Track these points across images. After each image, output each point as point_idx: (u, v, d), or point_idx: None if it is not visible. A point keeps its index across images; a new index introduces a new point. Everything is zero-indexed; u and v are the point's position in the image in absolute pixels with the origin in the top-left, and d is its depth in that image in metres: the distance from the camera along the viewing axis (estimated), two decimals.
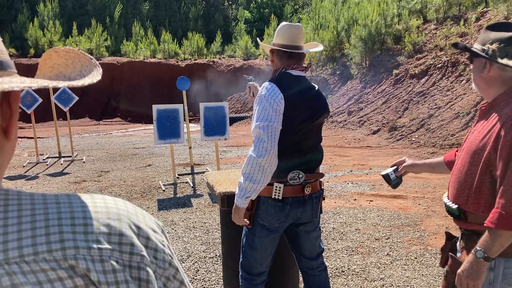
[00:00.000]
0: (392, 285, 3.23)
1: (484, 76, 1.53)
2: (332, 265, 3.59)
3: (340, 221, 4.76)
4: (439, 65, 12.39)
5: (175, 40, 24.99)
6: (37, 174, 7.88)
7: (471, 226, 1.55)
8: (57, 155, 9.41)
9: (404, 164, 1.97)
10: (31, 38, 23.11)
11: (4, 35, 22.29)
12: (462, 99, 10.50)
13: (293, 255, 2.38)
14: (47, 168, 8.41)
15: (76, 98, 9.15)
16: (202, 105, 6.64)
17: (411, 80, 12.99)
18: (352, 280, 3.34)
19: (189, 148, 7.39)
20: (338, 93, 15.85)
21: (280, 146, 1.99)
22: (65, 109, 9.05)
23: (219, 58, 24.26)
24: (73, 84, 0.54)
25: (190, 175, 7.22)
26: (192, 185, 6.65)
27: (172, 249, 0.66)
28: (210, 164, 8.39)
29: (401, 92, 12.85)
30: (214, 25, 30.55)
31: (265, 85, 2.05)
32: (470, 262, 1.45)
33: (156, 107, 6.64)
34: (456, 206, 1.57)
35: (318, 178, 2.19)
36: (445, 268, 1.66)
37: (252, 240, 2.17)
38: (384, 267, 3.54)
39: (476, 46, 1.55)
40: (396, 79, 13.59)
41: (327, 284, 2.34)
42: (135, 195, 6.15)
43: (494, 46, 1.47)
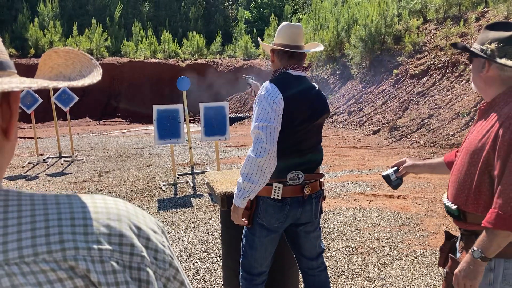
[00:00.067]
0: (392, 285, 3.23)
1: (483, 76, 1.53)
2: (332, 265, 3.59)
3: (340, 221, 4.76)
4: (439, 65, 12.38)
5: (175, 40, 24.96)
6: (37, 174, 7.88)
7: (471, 226, 1.54)
8: (57, 155, 9.41)
9: (404, 164, 1.97)
10: (31, 38, 23.08)
11: (4, 35, 22.28)
12: (462, 99, 10.50)
13: (293, 255, 2.38)
14: (47, 168, 8.41)
15: (76, 98, 9.15)
16: (202, 105, 6.64)
17: (411, 80, 12.99)
18: (352, 280, 3.34)
19: (189, 148, 7.39)
20: (338, 93, 15.83)
21: (280, 146, 1.99)
22: (65, 109, 9.05)
23: (219, 58, 24.23)
24: (73, 84, 0.54)
25: (190, 175, 7.22)
26: (192, 185, 6.65)
27: (172, 249, 0.66)
28: (210, 164, 8.39)
29: (401, 92, 12.84)
30: (214, 25, 30.52)
31: (265, 86, 2.05)
32: (467, 262, 1.45)
33: (156, 107, 6.64)
34: (456, 206, 1.57)
35: (318, 179, 2.18)
36: (445, 269, 1.66)
37: (252, 240, 2.17)
38: (384, 267, 3.54)
39: (475, 46, 1.54)
40: (396, 79, 13.58)
41: (327, 284, 2.34)
42: (135, 195, 6.15)
43: (492, 45, 1.47)
